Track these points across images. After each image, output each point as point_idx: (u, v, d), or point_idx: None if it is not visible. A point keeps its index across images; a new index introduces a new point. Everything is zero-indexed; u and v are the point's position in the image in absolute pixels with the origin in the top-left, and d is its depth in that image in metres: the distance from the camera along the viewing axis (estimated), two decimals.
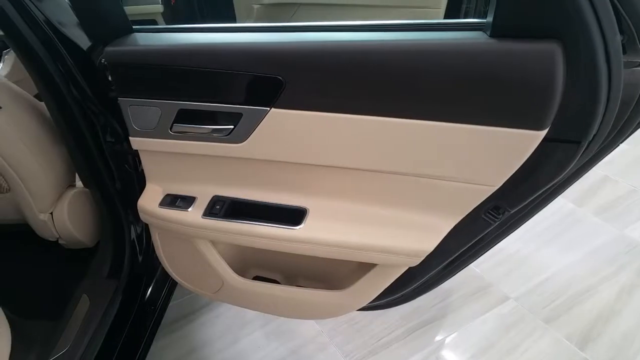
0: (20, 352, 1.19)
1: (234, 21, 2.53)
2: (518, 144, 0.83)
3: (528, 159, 0.85)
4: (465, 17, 2.10)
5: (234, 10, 2.47)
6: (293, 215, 1.05)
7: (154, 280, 1.55)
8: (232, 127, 0.97)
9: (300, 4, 2.22)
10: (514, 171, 0.88)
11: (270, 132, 0.95)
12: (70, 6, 1.07)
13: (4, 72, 2.08)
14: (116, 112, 1.16)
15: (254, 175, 1.06)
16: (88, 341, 1.25)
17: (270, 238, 1.05)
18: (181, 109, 0.99)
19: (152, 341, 1.51)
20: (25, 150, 1.26)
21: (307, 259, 1.10)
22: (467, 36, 0.78)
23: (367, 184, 0.99)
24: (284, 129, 0.94)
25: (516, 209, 0.97)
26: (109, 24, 0.99)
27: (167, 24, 2.48)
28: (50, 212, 1.39)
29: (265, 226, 1.05)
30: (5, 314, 1.20)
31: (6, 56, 2.24)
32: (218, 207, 1.09)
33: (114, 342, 1.35)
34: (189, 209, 1.11)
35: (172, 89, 0.97)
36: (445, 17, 2.01)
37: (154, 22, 2.45)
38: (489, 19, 0.77)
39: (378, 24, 0.88)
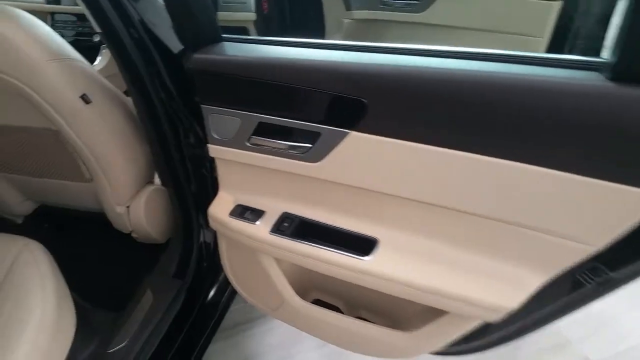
0: (82, 338, 1.21)
1: (323, 33, 2.51)
2: (630, 204, 0.72)
3: None
4: (570, 53, 1.94)
5: (324, 23, 2.45)
6: (362, 245, 0.99)
7: (217, 284, 1.55)
8: (309, 145, 0.93)
9: (392, 21, 2.16)
10: (621, 233, 0.76)
11: (347, 155, 0.90)
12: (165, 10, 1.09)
13: (100, 66, 2.18)
14: (199, 117, 1.17)
15: (326, 196, 1.02)
16: (147, 337, 1.26)
17: (336, 265, 0.99)
18: (261, 122, 0.97)
19: (208, 344, 1.51)
20: (111, 144, 1.29)
21: (372, 290, 1.04)
22: (581, 76, 0.69)
23: (447, 222, 0.91)
24: (362, 154, 0.89)
25: (617, 272, 0.86)
26: (199, 31, 0.98)
27: (258, 32, 2.50)
28: (127, 205, 1.42)
29: (333, 252, 1.00)
30: (74, 299, 1.23)
31: (104, 51, 2.36)
32: (286, 224, 1.06)
33: (172, 341, 1.35)
34: (257, 223, 1.08)
35: (254, 101, 0.95)
36: (548, 50, 1.86)
37: (246, 30, 2.48)
38: (611, 59, 0.67)
39: (473, 51, 0.81)
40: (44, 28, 1.14)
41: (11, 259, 1.14)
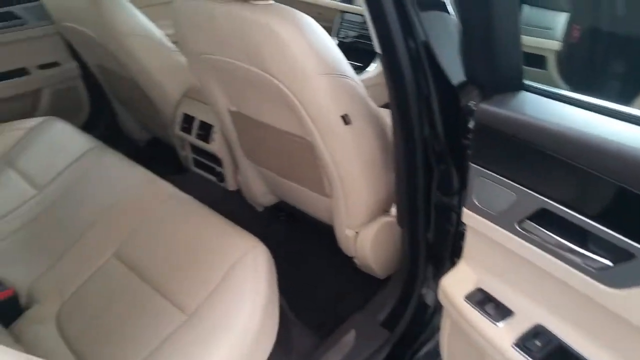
0: (280, 352, 1.16)
1: None
2: None
3: None
4: None
5: None
6: None
7: (426, 349, 1.35)
8: (609, 263, 0.66)
9: None
10: None
11: None
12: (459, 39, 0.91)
13: (373, 73, 2.13)
14: (459, 162, 0.99)
15: (614, 332, 0.72)
16: None
17: None
18: (544, 209, 0.72)
19: None
20: (358, 169, 1.20)
21: None
22: None
23: None
24: None
25: None
26: (498, 74, 0.78)
27: (560, 65, 2.07)
28: (357, 231, 1.33)
29: None
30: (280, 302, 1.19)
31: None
32: (538, 343, 0.79)
33: None
34: (499, 324, 0.84)
35: (545, 180, 0.72)
36: None
37: (543, 60, 2.09)
38: None
39: None
40: (325, 39, 1.09)
41: (235, 258, 1.15)
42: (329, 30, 2.24)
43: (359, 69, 2.20)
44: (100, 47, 1.71)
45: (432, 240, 1.16)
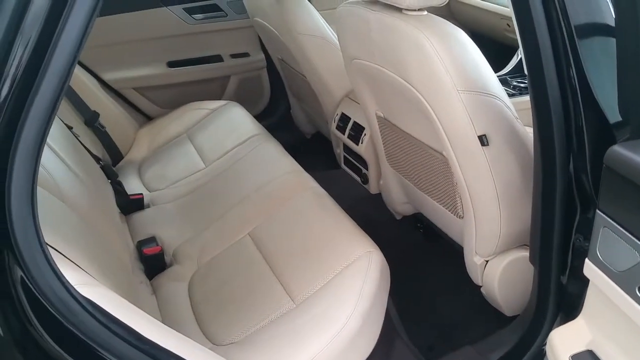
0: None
1: None
2: None
3: None
4: None
5: None
6: None
7: None
8: None
9: None
10: None
11: None
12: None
13: None
14: None
15: None
16: None
17: None
18: None
19: None
20: (492, 193, 1.12)
21: None
22: None
23: None
24: None
25: None
26: None
27: None
28: (486, 259, 1.24)
29: None
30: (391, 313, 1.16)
31: None
32: None
33: None
34: None
35: None
36: None
37: None
38: None
39: None
40: (474, 55, 1.04)
41: (351, 260, 1.18)
42: (516, 43, 2.10)
43: None
44: (280, 42, 1.87)
45: (566, 286, 1.04)
